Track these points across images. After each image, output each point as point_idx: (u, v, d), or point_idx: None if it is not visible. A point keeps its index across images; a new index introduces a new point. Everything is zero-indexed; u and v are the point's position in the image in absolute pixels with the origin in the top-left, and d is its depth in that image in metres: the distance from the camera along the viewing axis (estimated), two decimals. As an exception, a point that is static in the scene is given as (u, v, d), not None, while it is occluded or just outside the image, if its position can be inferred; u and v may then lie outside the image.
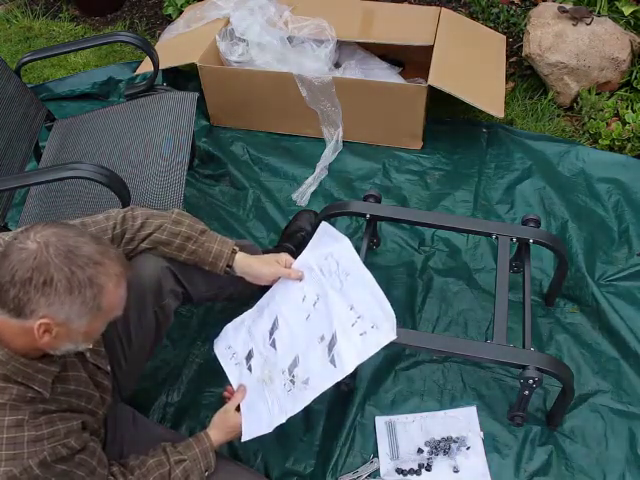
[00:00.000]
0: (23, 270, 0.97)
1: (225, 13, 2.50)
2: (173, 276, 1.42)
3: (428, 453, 1.58)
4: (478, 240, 2.04)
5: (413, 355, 1.77)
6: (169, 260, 1.41)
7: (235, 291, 1.61)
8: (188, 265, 1.44)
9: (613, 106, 2.38)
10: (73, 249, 1.00)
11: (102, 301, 1.02)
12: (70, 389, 1.16)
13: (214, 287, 1.54)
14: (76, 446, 1.10)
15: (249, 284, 1.50)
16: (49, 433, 1.06)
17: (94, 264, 1.01)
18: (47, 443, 1.05)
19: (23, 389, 1.05)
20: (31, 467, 1.02)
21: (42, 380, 1.08)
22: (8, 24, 3.17)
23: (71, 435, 1.10)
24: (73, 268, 0.99)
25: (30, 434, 1.03)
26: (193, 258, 1.41)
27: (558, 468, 1.56)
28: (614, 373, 1.72)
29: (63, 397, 1.14)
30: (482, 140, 2.38)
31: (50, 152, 1.97)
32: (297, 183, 2.26)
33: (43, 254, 0.98)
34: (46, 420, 1.06)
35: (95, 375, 1.25)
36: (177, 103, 1.99)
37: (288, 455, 1.60)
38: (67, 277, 0.98)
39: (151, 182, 1.77)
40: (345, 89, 2.25)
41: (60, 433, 1.08)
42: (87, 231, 1.11)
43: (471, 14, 2.84)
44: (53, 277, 0.97)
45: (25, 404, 1.05)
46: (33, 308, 0.98)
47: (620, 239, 2.03)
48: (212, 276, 1.47)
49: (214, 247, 1.42)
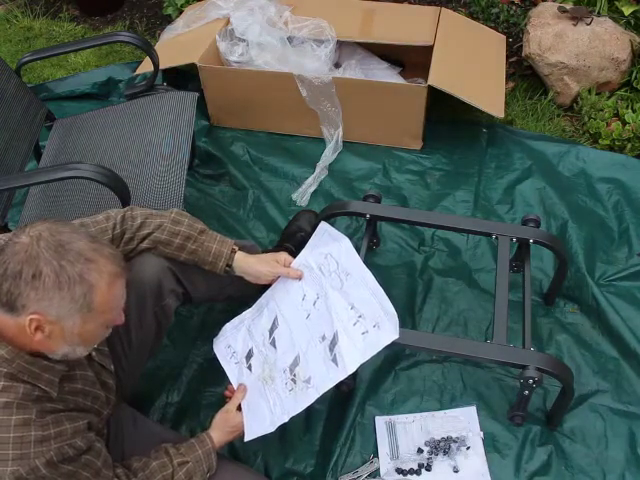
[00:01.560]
0: (14, 263, 0.97)
1: (225, 13, 2.50)
2: (174, 276, 1.43)
3: (428, 453, 1.58)
4: (478, 240, 2.04)
5: (413, 355, 1.77)
6: (170, 260, 1.41)
7: (235, 292, 1.60)
8: (188, 265, 1.44)
9: (613, 106, 2.38)
10: (64, 244, 0.99)
11: (93, 300, 1.01)
12: (77, 388, 1.16)
13: (214, 287, 1.54)
14: (82, 446, 1.09)
15: (249, 284, 1.50)
16: (56, 433, 1.05)
17: (85, 260, 1.00)
18: (54, 443, 1.04)
19: (30, 387, 1.04)
20: (38, 467, 1.02)
21: (49, 379, 1.07)
22: (8, 24, 3.17)
23: (78, 435, 1.09)
24: (62, 263, 0.98)
25: (37, 434, 1.02)
26: (193, 258, 1.41)
27: (558, 468, 1.55)
28: (614, 373, 1.72)
29: (70, 396, 1.13)
30: (482, 140, 2.38)
31: (50, 152, 1.97)
32: (297, 183, 2.26)
33: (34, 247, 0.97)
34: (53, 419, 1.06)
35: (100, 374, 1.25)
36: (177, 103, 1.99)
37: (288, 455, 1.60)
38: (56, 271, 0.97)
39: (151, 182, 1.77)
40: (345, 89, 2.25)
41: (67, 433, 1.07)
42: (85, 230, 1.10)
43: (471, 14, 2.84)
44: (42, 271, 0.97)
45: (32, 403, 1.04)
46: (24, 303, 0.97)
47: (620, 239, 2.03)
48: (212, 276, 1.46)
49: (213, 247, 1.42)
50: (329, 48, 2.38)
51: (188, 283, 1.46)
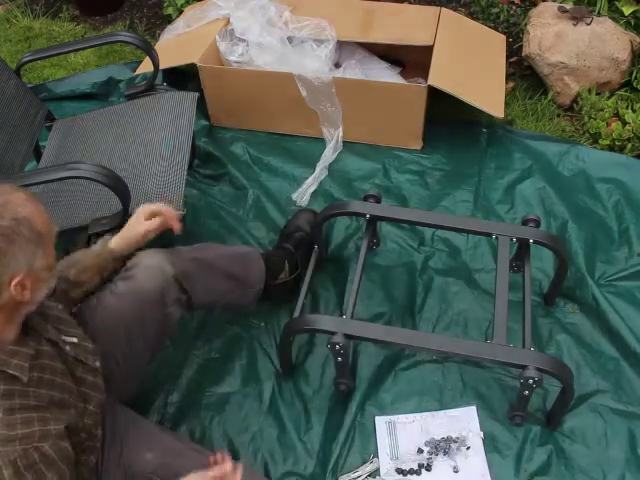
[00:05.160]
0: None
1: (225, 13, 2.50)
2: (178, 285, 1.44)
3: (428, 453, 1.58)
4: (478, 240, 2.04)
5: (413, 355, 1.77)
6: (175, 266, 1.42)
7: (234, 298, 1.62)
8: (192, 272, 1.45)
9: (613, 106, 2.38)
10: None
11: (36, 228, 1.04)
12: (46, 378, 1.12)
13: (214, 294, 1.56)
14: (51, 453, 1.05)
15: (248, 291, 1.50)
16: (23, 434, 1.02)
17: (5, 205, 1.02)
18: (19, 444, 1.01)
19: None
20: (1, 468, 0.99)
21: (17, 364, 1.06)
22: (8, 24, 3.17)
23: (46, 439, 1.05)
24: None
25: (2, 433, 1.00)
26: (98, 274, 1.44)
27: (558, 468, 1.55)
28: (614, 373, 1.72)
29: (44, 390, 1.10)
30: (482, 140, 2.38)
31: (50, 152, 1.97)
32: (297, 183, 2.26)
33: None
34: (22, 420, 1.03)
35: (75, 369, 1.22)
36: (177, 103, 1.99)
37: (288, 455, 1.60)
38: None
39: (151, 182, 1.77)
40: (345, 89, 2.25)
41: (35, 435, 1.04)
42: None
43: (471, 14, 2.84)
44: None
45: (1, 398, 1.02)
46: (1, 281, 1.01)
47: (620, 239, 2.03)
48: (212, 282, 1.48)
49: (98, 249, 1.44)
50: (329, 48, 2.38)
51: (191, 290, 1.47)
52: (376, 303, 1.89)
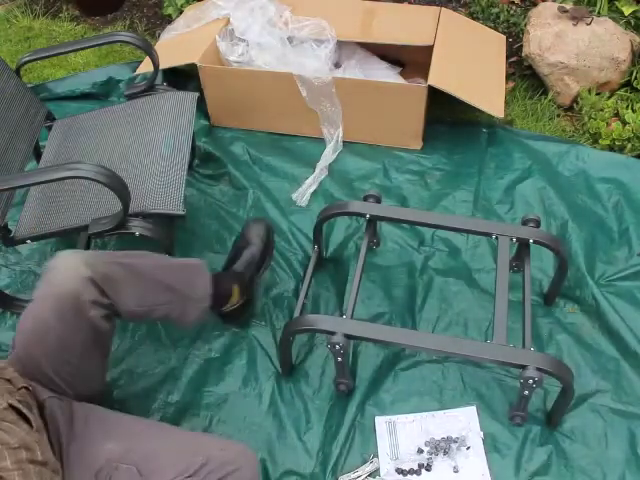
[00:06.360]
0: None
1: (225, 13, 2.49)
2: (96, 287, 1.35)
3: (428, 453, 1.58)
4: (478, 240, 2.04)
5: (413, 355, 1.77)
6: (92, 268, 1.34)
7: (173, 311, 1.54)
8: (114, 275, 1.38)
9: (613, 106, 2.38)
10: None
11: None
12: None
13: (146, 303, 1.47)
14: None
15: (189, 306, 1.50)
16: None
17: None
18: None
19: None
20: None
21: None
22: (8, 24, 3.17)
23: None
24: None
25: None
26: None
27: (558, 468, 1.55)
28: (614, 373, 1.72)
29: None
30: (482, 140, 2.37)
31: (50, 152, 1.97)
32: (297, 183, 2.26)
33: None
34: None
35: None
36: (177, 103, 1.99)
37: (288, 455, 1.60)
38: None
39: (151, 182, 1.77)
40: (345, 89, 2.25)
41: None
42: None
43: (471, 14, 2.84)
44: None
45: None
46: None
47: (620, 239, 2.03)
48: (145, 291, 1.42)
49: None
50: (329, 48, 2.38)
51: (115, 294, 1.38)
52: (376, 303, 1.89)
